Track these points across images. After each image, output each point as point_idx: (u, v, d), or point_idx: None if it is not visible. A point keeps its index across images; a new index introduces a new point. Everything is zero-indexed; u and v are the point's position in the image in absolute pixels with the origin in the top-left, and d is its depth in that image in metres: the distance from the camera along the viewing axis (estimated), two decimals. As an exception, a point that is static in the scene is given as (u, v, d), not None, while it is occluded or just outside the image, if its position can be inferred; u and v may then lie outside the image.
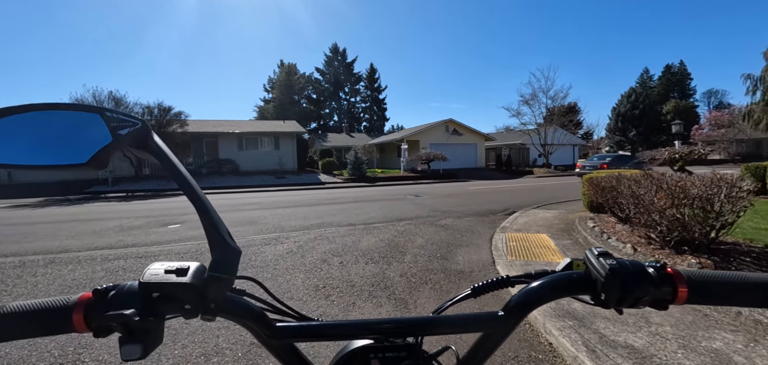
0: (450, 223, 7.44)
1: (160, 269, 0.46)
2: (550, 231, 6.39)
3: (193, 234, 6.64)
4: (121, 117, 0.47)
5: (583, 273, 0.50)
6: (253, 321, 0.51)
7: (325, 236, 6.32)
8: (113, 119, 0.47)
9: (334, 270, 4.34)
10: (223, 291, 0.48)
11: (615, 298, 0.46)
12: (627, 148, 55.01)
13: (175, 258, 5.11)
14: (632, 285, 0.46)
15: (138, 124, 0.48)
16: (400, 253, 5.08)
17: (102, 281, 4.22)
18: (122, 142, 0.47)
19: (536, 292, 0.51)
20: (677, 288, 0.46)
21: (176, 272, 0.46)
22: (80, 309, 0.43)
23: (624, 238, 4.94)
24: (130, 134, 0.47)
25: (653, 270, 0.47)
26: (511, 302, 0.52)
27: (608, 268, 0.46)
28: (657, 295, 0.46)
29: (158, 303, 0.44)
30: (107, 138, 0.46)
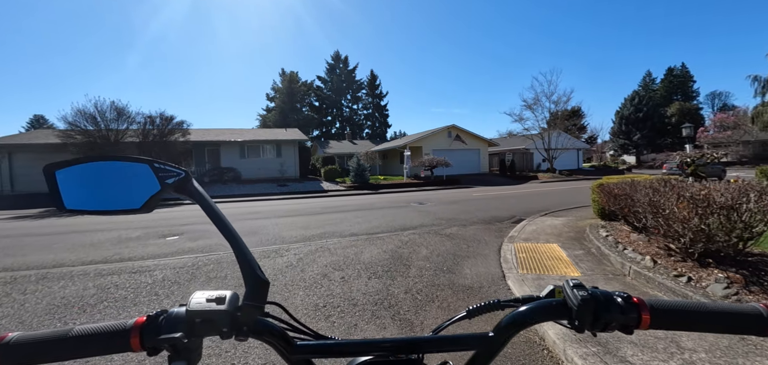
0: (455, 232, 7.20)
1: (203, 298, 0.53)
2: (560, 240, 6.14)
3: (191, 247, 6.44)
4: (168, 168, 0.57)
5: (562, 300, 0.56)
6: (276, 340, 0.57)
7: (327, 247, 6.10)
8: (161, 170, 0.57)
9: (335, 287, 4.12)
10: (254, 317, 0.54)
11: (587, 324, 0.53)
12: (631, 151, 54.55)
13: (170, 273, 4.91)
14: (602, 312, 0.52)
15: (182, 174, 0.57)
16: (405, 266, 4.85)
17: (92, 298, 4.03)
18: (168, 189, 0.57)
19: (522, 316, 0.57)
20: (641, 315, 0.52)
21: (216, 301, 0.53)
22: (136, 333, 0.50)
23: (641, 249, 4.69)
24: (175, 182, 0.57)
25: (621, 300, 0.53)
26: (501, 323, 0.57)
27: (580, 299, 0.52)
28: (624, 321, 0.52)
29: (200, 326, 0.51)
30: (156, 186, 0.56)
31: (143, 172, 0.57)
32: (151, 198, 0.57)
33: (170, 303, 3.82)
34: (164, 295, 4.07)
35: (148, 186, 0.56)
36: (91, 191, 0.56)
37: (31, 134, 23.66)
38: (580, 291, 0.53)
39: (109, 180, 0.56)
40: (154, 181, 0.57)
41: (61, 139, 18.80)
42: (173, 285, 4.44)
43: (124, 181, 0.56)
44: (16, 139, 21.41)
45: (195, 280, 4.62)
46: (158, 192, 0.57)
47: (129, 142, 19.91)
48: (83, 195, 0.56)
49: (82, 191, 0.56)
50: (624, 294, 0.54)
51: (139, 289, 4.31)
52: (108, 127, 19.39)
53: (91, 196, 0.57)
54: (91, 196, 0.57)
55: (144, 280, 4.65)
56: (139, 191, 0.56)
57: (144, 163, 0.57)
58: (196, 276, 4.75)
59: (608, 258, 4.70)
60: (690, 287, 3.40)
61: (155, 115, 20.84)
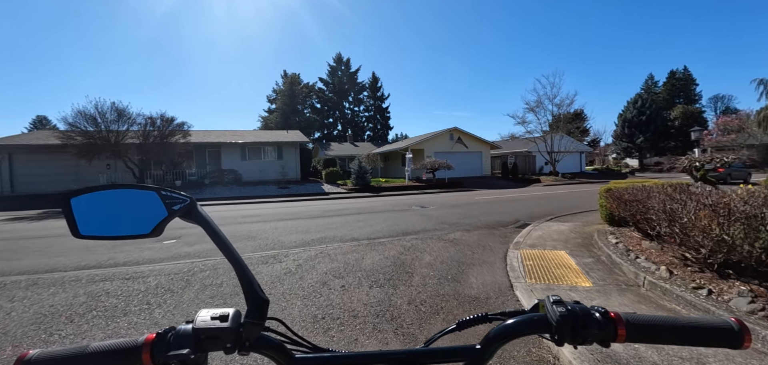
0: (459, 238, 7.01)
1: (208, 315, 0.56)
2: (567, 247, 5.94)
3: (187, 252, 6.27)
4: (174, 195, 0.61)
5: (544, 315, 0.59)
6: (276, 354, 0.61)
7: (327, 253, 5.92)
8: (167, 197, 0.61)
9: (335, 296, 3.93)
10: (256, 333, 0.58)
11: (567, 338, 0.55)
12: (634, 154, 54.17)
13: (164, 280, 4.74)
14: (580, 327, 0.55)
15: (187, 200, 0.61)
16: (407, 274, 4.66)
17: (81, 307, 3.86)
18: (175, 214, 0.60)
19: (508, 330, 0.60)
20: (617, 329, 0.54)
21: (220, 318, 0.56)
22: (147, 349, 0.53)
23: (654, 258, 4.49)
24: (181, 208, 0.60)
25: (598, 315, 0.56)
26: (488, 336, 0.60)
27: (559, 315, 0.55)
28: (601, 336, 0.55)
29: (206, 343, 0.55)
30: (164, 213, 0.60)
31: (151, 199, 0.60)
32: (159, 224, 0.60)
33: (162, 314, 3.64)
34: (156, 304, 3.90)
35: (156, 213, 0.60)
36: (103, 218, 0.59)
37: (32, 135, 23.58)
38: (559, 308, 0.56)
39: (120, 207, 0.60)
40: (162, 208, 0.60)
41: (61, 140, 18.69)
42: (166, 293, 4.27)
43: (134, 208, 0.60)
44: (15, 140, 21.32)
45: (189, 287, 4.44)
46: (166, 217, 0.60)
47: (129, 143, 19.78)
48: (97, 221, 0.59)
49: (95, 218, 0.59)
50: (601, 309, 0.56)
51: (131, 297, 4.13)
52: (108, 128, 19.27)
53: (104, 223, 0.60)
54: (103, 223, 0.60)
55: (136, 287, 4.48)
56: (149, 217, 0.60)
57: (152, 191, 0.61)
58: (190, 283, 4.58)
59: (620, 267, 4.50)
60: (711, 301, 3.21)
61: (156, 116, 20.72)
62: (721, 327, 0.54)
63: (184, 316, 3.56)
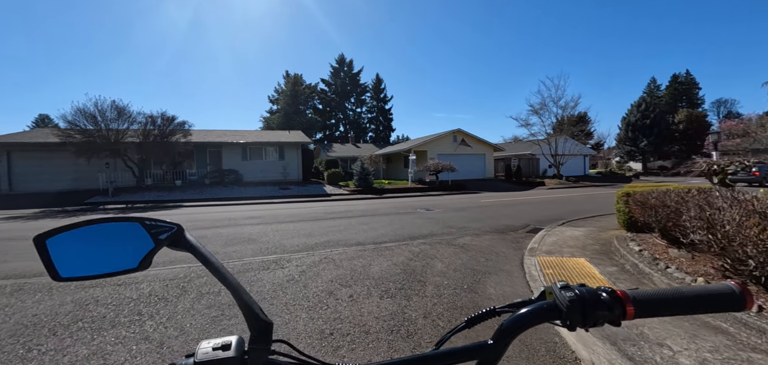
0: (469, 243, 6.68)
1: (209, 347, 0.54)
2: (586, 254, 5.61)
3: (183, 256, 5.83)
4: (159, 224, 0.57)
5: (553, 302, 0.58)
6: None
7: (332, 258, 5.60)
8: (152, 226, 0.57)
9: (343, 308, 3.61)
10: (262, 360, 0.55)
11: (578, 322, 0.55)
12: (638, 158, 53.79)
13: (159, 286, 4.42)
14: (590, 310, 0.55)
15: (174, 228, 0.58)
16: (420, 283, 4.33)
17: (67, 318, 3.54)
18: (162, 244, 0.57)
19: (519, 320, 0.58)
20: (626, 307, 0.54)
21: (222, 347, 0.53)
22: None
23: (686, 267, 4.16)
24: (168, 237, 0.57)
25: (606, 295, 0.56)
26: (500, 329, 0.59)
27: (568, 300, 0.55)
28: (610, 316, 0.55)
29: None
30: (150, 244, 0.56)
31: (135, 230, 0.57)
32: (146, 256, 0.56)
33: (153, 326, 3.32)
34: (148, 315, 3.58)
35: (142, 245, 0.56)
36: (85, 256, 0.55)
37: (31, 133, 23.32)
38: (568, 292, 0.56)
39: (102, 242, 0.56)
40: (148, 238, 0.57)
41: (60, 138, 18.42)
42: (160, 301, 3.95)
43: (118, 241, 0.56)
44: (14, 138, 21.06)
45: (185, 296, 4.13)
46: (153, 249, 0.57)
47: (129, 141, 19.50)
48: (78, 260, 0.55)
49: (76, 257, 0.55)
50: (608, 289, 0.57)
51: (121, 306, 3.82)
52: (108, 127, 19.00)
53: (86, 261, 0.55)
54: (85, 261, 0.55)
55: (128, 295, 4.16)
56: (134, 250, 0.56)
57: (135, 222, 0.57)
58: (186, 291, 4.26)
59: (650, 278, 4.17)
60: (764, 318, 2.88)
61: (156, 115, 20.44)
62: (724, 292, 0.55)
63: (178, 330, 3.24)
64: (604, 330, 2.90)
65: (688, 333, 2.78)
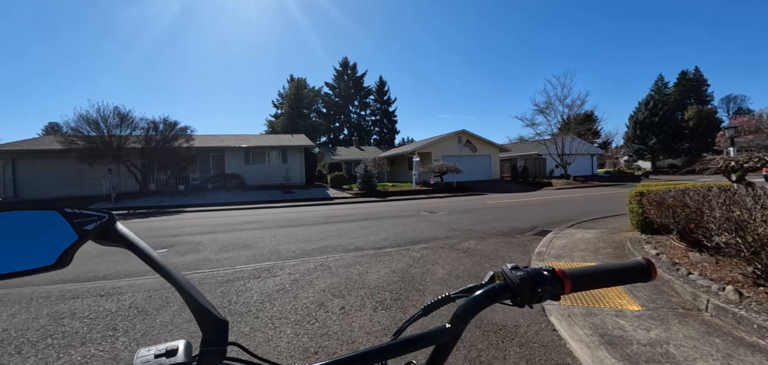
0: (473, 247, 6.35)
1: (150, 355, 0.48)
2: (598, 258, 5.26)
3: (175, 263, 5.71)
4: (84, 213, 0.49)
5: (503, 283, 0.62)
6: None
7: (327, 265, 5.31)
8: (75, 216, 0.48)
9: (333, 321, 3.31)
10: (216, 363, 0.49)
11: (527, 298, 0.60)
12: (647, 156, 52.82)
13: (141, 297, 4.16)
14: (537, 286, 0.59)
15: (104, 217, 0.49)
16: (418, 293, 4.02)
17: (38, 333, 3.30)
18: (88, 236, 0.48)
19: (474, 303, 0.60)
20: (564, 283, 0.60)
21: (166, 354, 0.48)
22: None
23: (709, 273, 3.79)
24: (96, 228, 0.48)
25: (547, 273, 0.61)
26: (455, 314, 0.60)
27: (519, 279, 0.60)
28: (553, 291, 0.60)
29: None
30: (73, 236, 0.47)
31: (54, 220, 0.48)
32: (67, 250, 0.47)
33: (125, 343, 3.05)
34: (123, 330, 3.31)
35: (62, 237, 0.47)
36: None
37: (35, 140, 23.42)
38: (518, 272, 0.61)
39: (12, 234, 0.46)
40: (70, 230, 0.47)
41: (63, 145, 18.44)
42: (139, 314, 3.69)
43: (32, 234, 0.47)
44: (19, 145, 21.16)
45: (167, 307, 3.86)
46: (76, 241, 0.47)
47: (132, 147, 19.46)
48: None
49: None
50: (550, 268, 0.62)
51: (97, 320, 3.56)
52: (111, 133, 18.98)
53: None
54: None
55: (108, 307, 3.91)
56: (53, 243, 0.47)
57: (52, 210, 0.48)
58: (169, 302, 4.00)
59: (671, 286, 3.80)
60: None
61: (159, 121, 20.39)
62: (636, 266, 0.63)
63: (152, 347, 2.96)
64: (626, 350, 2.57)
65: (722, 353, 2.44)
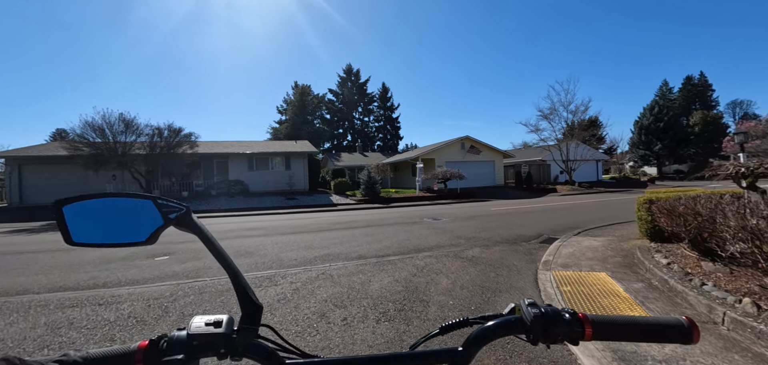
0: (478, 255, 6.23)
1: (202, 322, 0.56)
2: (607, 267, 5.13)
3: (176, 271, 5.64)
4: (170, 204, 0.60)
5: (520, 317, 0.63)
6: (268, 361, 0.60)
7: (329, 274, 5.22)
8: (164, 205, 0.60)
9: (334, 334, 3.21)
10: (249, 340, 0.58)
11: (540, 336, 0.59)
12: (652, 162, 52.37)
13: (141, 307, 4.09)
14: (552, 326, 0.59)
15: (183, 209, 0.60)
16: (422, 303, 3.92)
17: (34, 343, 3.23)
18: (170, 222, 0.59)
19: (487, 331, 0.63)
20: (585, 328, 0.59)
21: (214, 324, 0.56)
22: (140, 356, 0.52)
23: (724, 284, 3.66)
24: (177, 217, 0.59)
25: (568, 315, 0.60)
26: (469, 338, 0.63)
27: (532, 315, 0.60)
28: (571, 334, 0.59)
29: (199, 349, 0.54)
30: (160, 220, 0.59)
31: (147, 207, 0.59)
32: (154, 232, 0.59)
33: (122, 355, 2.98)
34: (120, 340, 3.24)
35: (152, 221, 0.59)
36: (98, 225, 0.58)
37: (41, 147, 23.64)
38: (533, 309, 0.61)
39: (115, 214, 0.59)
40: (158, 216, 0.59)
41: (68, 151, 18.57)
42: (137, 325, 3.62)
43: (130, 216, 0.59)
44: (25, 151, 21.34)
45: (166, 317, 3.79)
46: (161, 225, 0.59)
47: (136, 154, 19.55)
48: (90, 229, 0.58)
49: (89, 225, 0.58)
50: (570, 310, 0.61)
51: (95, 330, 3.49)
52: (115, 139, 19.09)
53: (98, 230, 0.58)
54: (97, 230, 0.58)
55: (106, 316, 3.84)
56: (144, 225, 0.59)
57: (148, 199, 0.60)
58: (168, 312, 3.92)
59: (684, 297, 3.68)
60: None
61: (163, 127, 20.50)
62: (675, 325, 0.59)
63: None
64: (641, 367, 2.45)
65: (743, 370, 2.32)
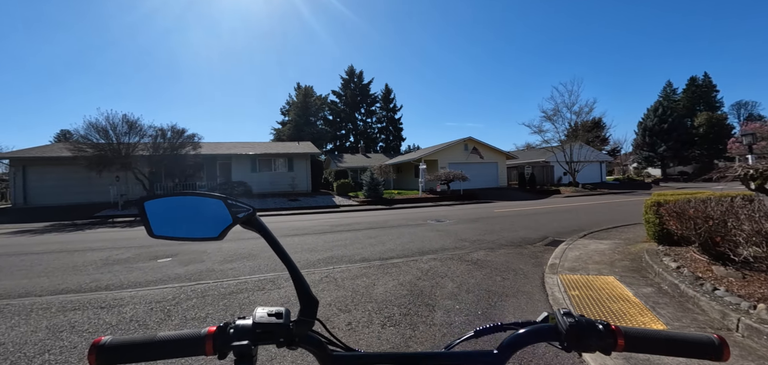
0: (483, 258, 6.16)
1: (264, 312, 0.61)
2: (615, 271, 5.04)
3: (179, 273, 5.61)
4: (238, 204, 0.66)
5: (554, 326, 0.64)
6: (319, 351, 0.64)
7: (333, 277, 5.16)
8: (233, 206, 0.66)
9: (339, 339, 3.16)
10: (306, 331, 0.63)
11: (573, 346, 0.61)
12: (656, 163, 52.02)
13: (142, 310, 4.05)
14: (586, 337, 0.60)
15: (250, 210, 0.67)
16: (428, 308, 3.85)
17: (35, 348, 3.19)
18: (238, 221, 0.66)
19: (521, 337, 0.64)
20: (617, 340, 0.60)
21: (275, 315, 0.61)
22: (210, 340, 0.58)
23: (737, 289, 3.58)
24: (244, 217, 0.66)
25: (601, 326, 0.61)
26: (504, 343, 0.64)
27: (568, 325, 0.61)
28: (603, 345, 0.60)
29: (262, 336, 0.59)
30: (229, 219, 0.65)
31: (218, 206, 0.66)
32: (225, 229, 0.65)
33: None
34: (122, 346, 3.20)
35: (222, 219, 0.65)
36: (175, 221, 0.65)
37: (45, 148, 23.73)
38: (569, 319, 0.62)
39: (190, 212, 0.66)
40: (228, 215, 0.65)
41: (72, 152, 18.62)
42: (140, 328, 3.58)
43: (203, 214, 0.65)
44: (29, 152, 21.43)
45: (168, 321, 3.75)
46: (230, 224, 0.65)
47: (139, 155, 19.58)
48: (169, 224, 0.65)
49: (167, 220, 0.65)
50: (604, 322, 0.62)
51: (96, 333, 3.46)
52: (119, 140, 19.13)
53: (176, 225, 0.65)
54: (175, 225, 0.65)
55: (108, 320, 3.80)
56: (216, 222, 0.65)
57: (219, 199, 0.66)
58: (170, 316, 3.88)
59: (696, 302, 3.59)
60: None
61: (166, 128, 20.51)
62: (705, 342, 0.60)
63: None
64: None
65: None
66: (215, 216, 0.65)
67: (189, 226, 0.65)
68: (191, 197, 0.66)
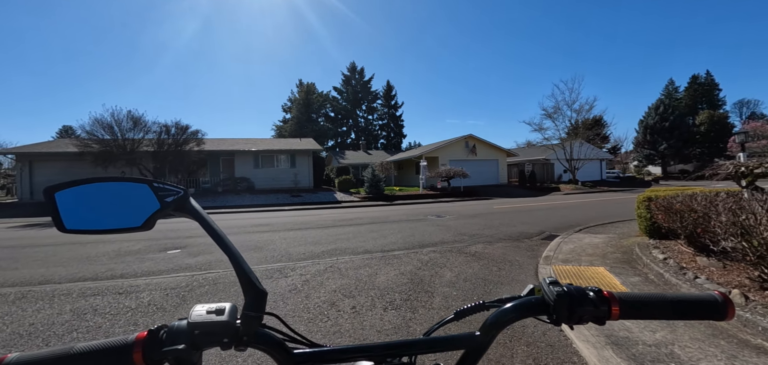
0: (481, 251, 6.41)
1: (203, 310, 0.54)
2: (606, 263, 5.28)
3: (189, 263, 5.87)
4: (167, 187, 0.58)
5: (540, 298, 0.59)
6: (275, 350, 0.57)
7: (337, 267, 5.42)
8: (160, 189, 0.57)
9: (344, 320, 3.41)
10: (254, 328, 0.55)
11: (564, 317, 0.55)
12: (657, 161, 52.14)
13: (159, 295, 4.32)
14: (576, 306, 0.55)
15: (180, 192, 0.58)
16: (427, 294, 4.11)
17: (63, 327, 3.46)
18: (168, 207, 0.57)
19: (506, 314, 0.59)
20: (611, 307, 0.55)
21: (216, 312, 0.53)
22: (139, 348, 0.49)
23: (716, 277, 3.82)
24: (174, 201, 0.57)
25: (593, 294, 0.56)
26: (486, 322, 0.59)
27: (556, 294, 0.55)
28: (596, 313, 0.55)
29: (201, 338, 0.51)
30: (156, 205, 0.57)
31: (143, 191, 0.57)
32: (151, 217, 0.57)
33: (147, 338, 3.20)
34: (143, 325, 3.45)
35: (148, 205, 0.57)
36: (91, 211, 0.56)
37: (51, 143, 24.06)
38: (556, 288, 0.57)
39: (109, 200, 0.56)
40: (154, 200, 0.57)
41: (78, 148, 18.92)
42: (158, 311, 3.84)
43: (125, 201, 0.57)
44: (36, 148, 21.76)
45: (184, 305, 4.01)
46: (158, 210, 0.57)
47: (144, 151, 19.87)
48: (84, 215, 0.56)
49: (82, 212, 0.56)
50: (596, 288, 0.57)
51: (118, 316, 3.72)
52: (124, 136, 19.42)
53: (92, 217, 0.56)
54: (91, 217, 0.56)
55: (127, 304, 4.07)
56: (140, 210, 0.57)
57: (143, 183, 0.58)
58: (186, 300, 4.15)
59: (678, 289, 3.84)
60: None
61: (171, 125, 20.80)
62: (707, 300, 0.56)
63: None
64: (631, 350, 2.63)
65: (727, 354, 2.49)
66: (140, 202, 0.56)
67: (109, 217, 0.56)
68: (111, 183, 0.56)
